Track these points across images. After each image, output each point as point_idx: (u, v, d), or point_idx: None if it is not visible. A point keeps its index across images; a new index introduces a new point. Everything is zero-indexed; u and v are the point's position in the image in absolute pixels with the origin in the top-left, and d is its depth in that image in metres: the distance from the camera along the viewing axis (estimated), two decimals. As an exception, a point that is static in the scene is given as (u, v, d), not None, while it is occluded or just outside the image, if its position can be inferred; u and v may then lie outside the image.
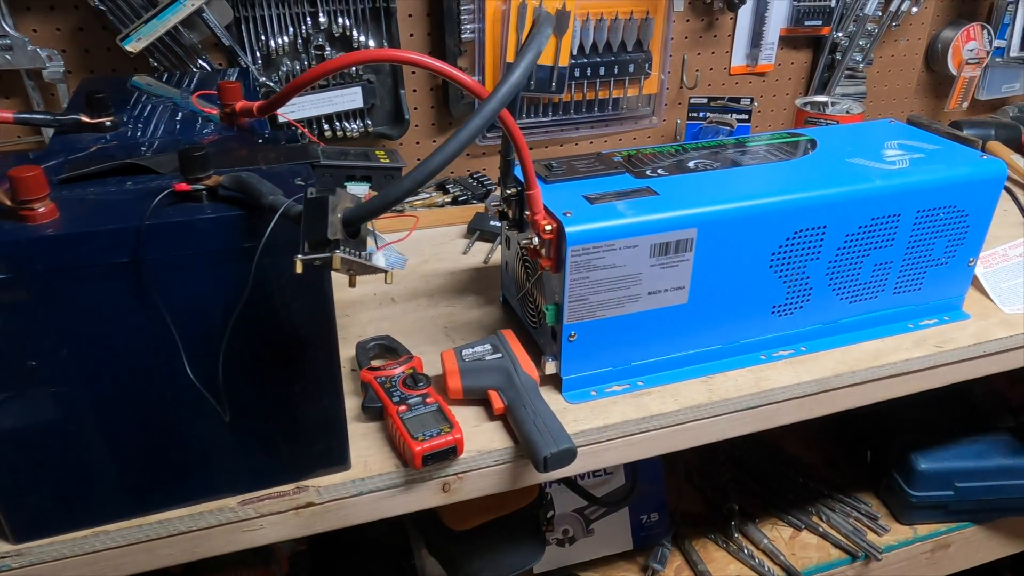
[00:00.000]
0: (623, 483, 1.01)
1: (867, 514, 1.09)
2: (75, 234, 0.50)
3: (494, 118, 0.48)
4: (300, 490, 0.64)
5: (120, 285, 0.52)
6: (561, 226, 0.68)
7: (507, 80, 0.48)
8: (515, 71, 0.48)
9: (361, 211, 0.47)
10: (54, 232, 0.49)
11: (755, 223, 0.74)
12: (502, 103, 0.48)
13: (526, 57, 0.49)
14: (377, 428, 0.71)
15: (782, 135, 0.91)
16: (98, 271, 0.51)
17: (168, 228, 0.51)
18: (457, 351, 0.74)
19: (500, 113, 0.57)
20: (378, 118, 1.09)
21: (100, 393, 0.55)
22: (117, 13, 0.91)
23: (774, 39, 1.26)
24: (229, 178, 0.52)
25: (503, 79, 0.49)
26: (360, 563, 0.95)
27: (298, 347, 0.59)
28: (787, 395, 0.78)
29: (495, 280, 0.96)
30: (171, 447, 0.59)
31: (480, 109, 0.48)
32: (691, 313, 0.76)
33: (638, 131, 1.27)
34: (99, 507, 0.59)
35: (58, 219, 0.51)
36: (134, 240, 0.51)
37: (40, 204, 0.50)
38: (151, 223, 0.50)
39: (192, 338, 0.55)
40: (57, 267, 0.50)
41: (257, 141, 0.67)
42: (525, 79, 0.49)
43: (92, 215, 0.52)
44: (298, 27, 1.01)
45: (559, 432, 0.67)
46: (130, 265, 0.51)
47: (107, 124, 0.67)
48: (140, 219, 0.51)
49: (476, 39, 1.09)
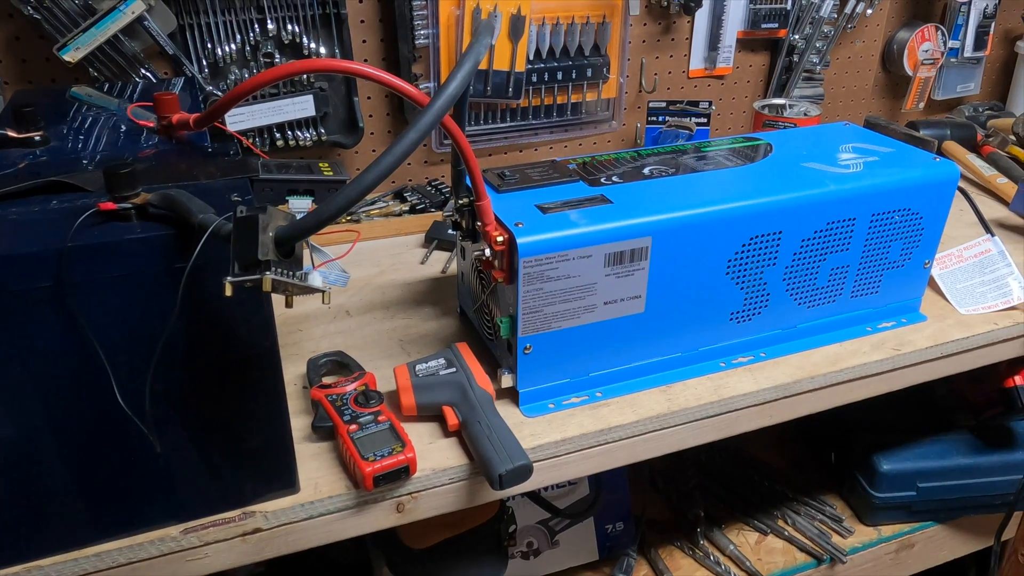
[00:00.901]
0: (587, 493, 1.00)
1: (832, 516, 1.09)
2: (-9, 258, 0.47)
3: (431, 130, 0.47)
4: (246, 516, 0.62)
5: (43, 310, 0.49)
6: (512, 237, 0.67)
7: (444, 91, 0.47)
8: (452, 82, 0.47)
9: (294, 230, 0.45)
10: (-32, 256, 0.47)
11: (710, 230, 0.73)
12: (439, 115, 0.46)
13: (464, 67, 0.47)
14: (328, 448, 0.69)
15: (739, 139, 0.90)
16: (19, 295, 0.48)
17: (92, 249, 0.49)
18: (410, 366, 0.72)
19: (445, 122, 0.55)
20: (331, 126, 1.07)
21: (26, 423, 0.52)
22: (53, 22, 0.87)
23: (731, 42, 1.26)
24: (157, 195, 0.50)
25: (440, 90, 0.47)
26: (321, 583, 0.92)
27: (238, 369, 0.56)
28: (747, 402, 0.78)
29: (453, 290, 0.94)
30: (106, 476, 0.56)
31: (416, 121, 0.46)
32: (648, 322, 0.75)
33: (598, 136, 1.26)
34: (30, 541, 0.56)
35: (-26, 242, 0.48)
36: (56, 263, 0.48)
37: (-47, 227, 0.47)
38: (74, 244, 0.48)
39: (122, 364, 0.52)
40: (-27, 293, 0.47)
41: (195, 155, 0.64)
42: (463, 89, 0.48)
43: (12, 236, 0.49)
44: (246, 34, 0.98)
45: (515, 448, 0.65)
46: (53, 288, 0.49)
47: (36, 139, 0.64)
48: (63, 240, 0.48)
49: (430, 44, 1.07)
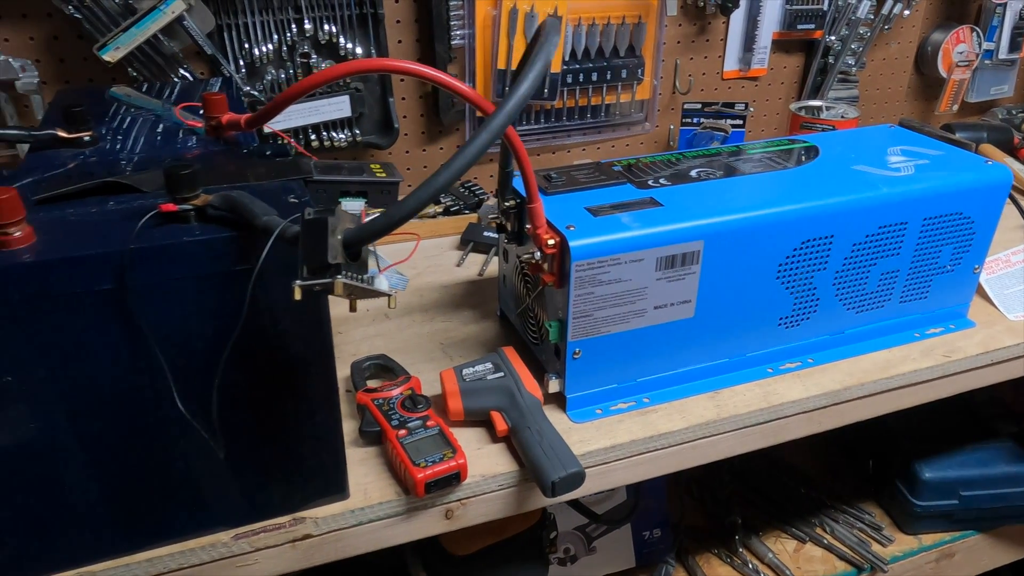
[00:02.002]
0: (625, 499, 0.98)
1: (871, 524, 1.07)
2: (54, 260, 0.46)
3: (502, 133, 0.46)
4: (297, 522, 0.61)
5: (103, 313, 0.48)
6: (565, 240, 0.66)
7: (515, 93, 0.45)
8: (523, 83, 0.46)
9: (363, 233, 0.44)
10: (32, 259, 0.46)
11: (763, 234, 0.72)
12: (510, 117, 0.45)
13: (535, 68, 0.46)
14: (375, 453, 0.68)
15: (783, 142, 0.89)
16: (80, 298, 0.48)
17: (154, 252, 0.48)
18: (457, 370, 0.71)
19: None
20: (366, 127, 1.06)
21: (83, 427, 0.51)
22: (93, 21, 0.87)
23: (767, 43, 1.24)
24: (219, 197, 0.49)
25: (510, 92, 0.46)
26: (357, 589, 0.91)
27: (294, 373, 0.55)
28: (796, 409, 0.76)
29: (491, 293, 0.93)
30: (160, 481, 0.55)
31: (487, 124, 0.45)
32: (697, 327, 0.74)
33: (631, 137, 1.25)
34: (84, 546, 0.56)
35: (35, 243, 0.48)
36: (118, 265, 0.47)
37: (16, 228, 0.47)
38: (136, 247, 0.47)
39: (180, 367, 0.51)
40: (35, 295, 0.46)
41: (245, 155, 0.64)
42: (533, 91, 0.46)
43: (72, 239, 0.48)
44: (283, 34, 0.97)
45: (566, 455, 0.64)
46: (114, 292, 0.48)
47: (85, 139, 0.64)
48: (124, 242, 0.47)
49: (466, 45, 1.06)
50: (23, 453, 0.51)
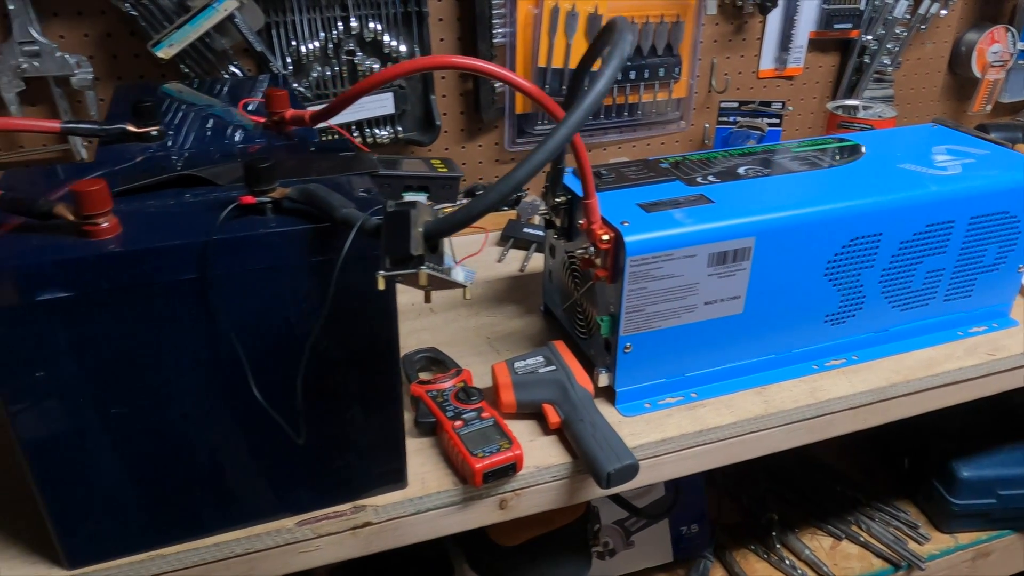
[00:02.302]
0: (663, 494, 0.99)
1: (907, 523, 1.07)
2: (141, 250, 0.48)
3: (579, 128, 0.47)
4: (358, 509, 0.62)
5: (185, 302, 0.50)
6: (620, 236, 0.67)
7: (593, 90, 0.46)
8: (601, 81, 0.47)
9: (444, 225, 0.45)
10: (119, 248, 0.47)
11: (814, 230, 0.72)
12: (587, 113, 0.46)
13: (611, 66, 0.47)
14: (430, 444, 0.69)
15: (827, 140, 0.89)
16: (163, 288, 0.49)
17: (236, 243, 0.49)
18: (509, 363, 0.72)
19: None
20: (408, 124, 1.07)
21: (162, 413, 0.53)
22: (148, 18, 0.89)
23: (803, 42, 1.25)
24: (297, 190, 0.51)
25: (590, 87, 0.47)
26: (399, 579, 0.92)
27: (363, 363, 0.57)
28: (843, 405, 0.77)
29: (533, 288, 0.94)
30: (232, 467, 0.57)
31: (566, 120, 0.46)
32: (746, 323, 0.75)
33: (666, 136, 1.26)
34: (156, 530, 0.57)
35: (121, 234, 0.49)
36: (201, 256, 0.49)
37: (103, 219, 0.48)
38: (219, 238, 0.49)
39: (257, 356, 0.53)
40: (122, 284, 0.48)
41: (309, 150, 0.65)
42: (609, 89, 0.47)
43: (155, 230, 0.50)
44: (329, 32, 0.99)
45: (620, 447, 0.65)
46: (196, 281, 0.49)
47: (153, 133, 0.65)
48: (205, 233, 0.49)
49: (507, 43, 1.07)
50: (103, 440, 0.52)
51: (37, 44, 0.89)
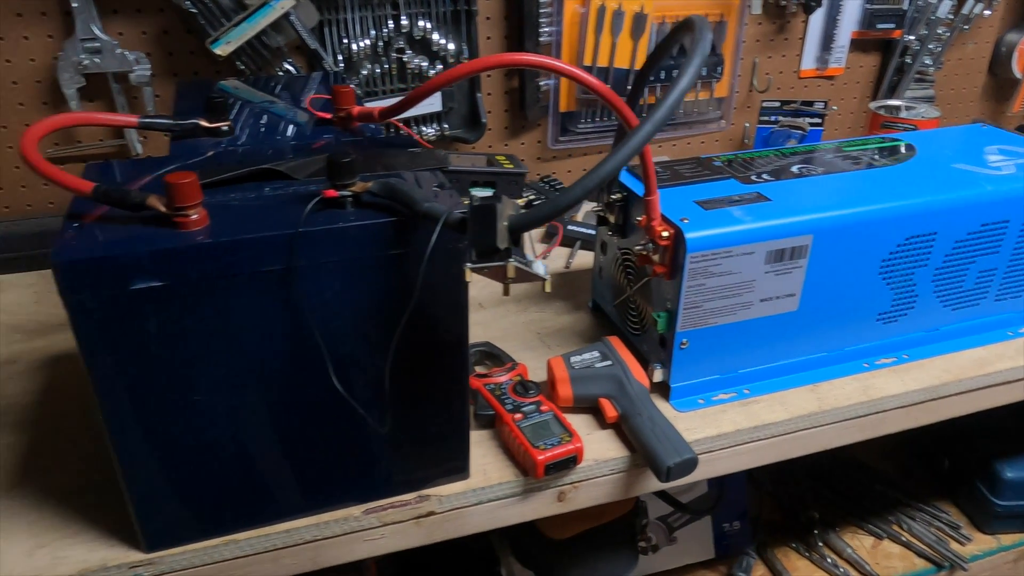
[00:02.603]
0: (705, 491, 1.00)
1: (948, 523, 1.07)
2: (230, 241, 0.49)
3: (664, 123, 0.47)
4: (422, 499, 0.64)
5: (269, 293, 0.51)
6: (680, 232, 0.67)
7: (676, 87, 0.47)
8: (684, 79, 0.47)
9: (529, 219, 0.46)
10: (209, 239, 0.49)
11: (870, 229, 0.73)
12: (671, 110, 0.47)
13: (693, 64, 0.48)
14: (488, 436, 0.70)
15: (877, 140, 0.90)
16: (249, 278, 0.50)
17: (320, 235, 0.50)
18: (565, 358, 0.73)
19: (628, 117, 0.56)
20: (454, 121, 1.08)
21: (243, 403, 0.54)
22: (207, 16, 0.90)
23: (845, 42, 1.25)
24: (379, 184, 0.52)
25: (674, 84, 0.48)
26: (448, 569, 0.94)
27: (433, 354, 0.58)
28: (895, 404, 0.77)
29: (580, 285, 0.95)
30: (306, 456, 0.58)
31: (651, 116, 0.47)
32: (800, 320, 0.75)
33: (705, 135, 1.26)
34: (231, 516, 0.58)
35: (209, 226, 0.50)
36: (287, 247, 0.50)
37: (194, 211, 0.49)
38: (305, 230, 0.50)
39: (335, 346, 0.54)
40: (211, 274, 0.49)
41: (377, 146, 0.66)
42: (691, 87, 0.48)
43: (241, 222, 0.51)
44: (379, 30, 1.00)
45: (679, 441, 0.66)
46: (280, 272, 0.51)
47: (224, 129, 0.67)
48: (289, 226, 0.50)
49: (553, 42, 1.08)
50: (185, 428, 0.54)
51: (98, 41, 0.91)
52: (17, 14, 0.90)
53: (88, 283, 0.47)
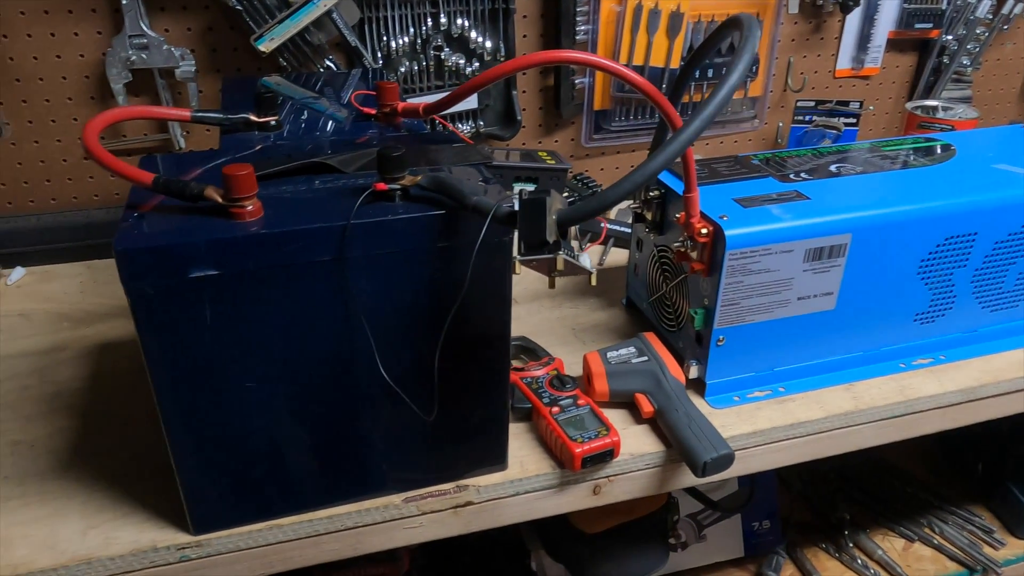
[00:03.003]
0: (736, 489, 1.00)
1: (981, 527, 1.06)
2: (284, 232, 0.50)
3: (712, 121, 0.48)
4: (460, 489, 0.65)
5: (319, 283, 0.52)
6: (719, 229, 0.68)
7: (725, 84, 0.48)
8: (733, 75, 0.48)
9: (577, 213, 0.47)
10: (264, 230, 0.50)
11: (910, 229, 0.73)
12: (720, 107, 0.48)
13: (743, 61, 0.48)
14: (525, 428, 0.71)
15: (917, 140, 0.89)
16: (301, 268, 0.52)
17: (370, 227, 0.52)
18: (602, 353, 0.74)
19: (670, 113, 0.57)
20: (490, 119, 1.09)
21: (292, 390, 0.55)
22: (252, 13, 0.92)
23: (881, 42, 1.24)
24: (428, 178, 0.53)
25: (721, 84, 0.48)
26: (477, 562, 0.95)
27: (477, 347, 0.59)
28: (931, 404, 0.77)
29: (614, 282, 0.95)
30: (351, 444, 0.59)
31: (699, 112, 0.47)
32: (837, 319, 0.75)
33: (739, 134, 1.26)
34: (275, 501, 0.60)
35: (264, 217, 0.52)
36: (338, 238, 0.51)
37: (249, 202, 0.51)
38: (356, 222, 0.51)
39: (383, 336, 0.55)
40: (265, 264, 0.51)
41: (422, 141, 0.67)
42: (741, 83, 0.49)
43: (295, 214, 0.52)
44: (418, 28, 1.01)
45: (716, 437, 0.66)
46: (331, 263, 0.52)
47: (271, 124, 0.68)
48: (340, 218, 0.51)
49: (589, 40, 1.09)
50: (235, 414, 0.55)
51: (145, 37, 0.93)
52: (68, 11, 0.93)
53: (148, 271, 0.48)
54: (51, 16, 0.92)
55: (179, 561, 0.59)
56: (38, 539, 0.59)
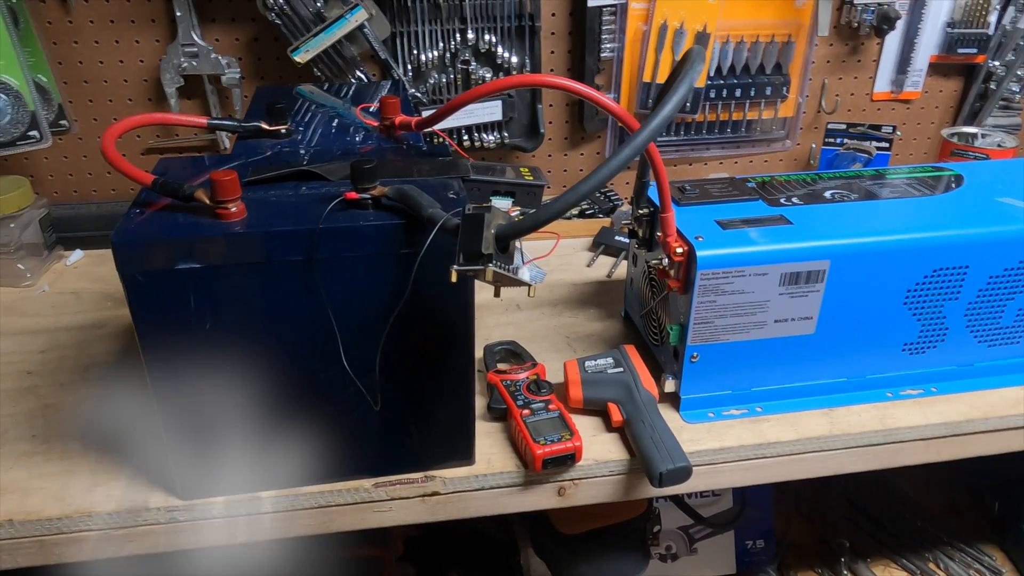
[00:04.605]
0: (731, 506, 1.01)
1: (990, 567, 1.03)
2: (260, 232, 0.56)
3: (644, 149, 0.51)
4: (428, 479, 0.69)
5: (292, 280, 0.58)
6: (692, 249, 0.70)
7: (659, 113, 0.51)
8: (667, 105, 0.51)
9: (513, 229, 0.51)
10: (242, 230, 0.56)
11: (891, 259, 0.73)
12: (653, 135, 0.51)
13: (678, 92, 0.51)
14: (500, 428, 0.75)
15: (925, 168, 0.88)
16: (276, 266, 0.57)
17: (338, 232, 0.57)
18: (580, 362, 0.77)
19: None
20: (514, 131, 1.14)
21: (266, 375, 0.61)
22: (290, 26, 0.99)
23: (923, 66, 1.22)
24: (393, 189, 0.58)
25: (654, 112, 0.51)
26: (469, 554, 0.99)
27: (440, 347, 0.63)
28: (913, 435, 0.77)
29: (617, 294, 0.98)
30: (323, 428, 0.65)
31: (632, 140, 0.50)
32: (817, 344, 0.76)
33: (770, 154, 1.26)
34: (255, 475, 0.66)
35: (246, 218, 0.58)
36: (308, 241, 0.57)
37: (233, 204, 0.57)
38: (324, 227, 0.56)
39: (349, 332, 0.60)
40: (242, 260, 0.57)
41: (412, 153, 0.72)
42: (676, 113, 0.51)
43: (274, 216, 0.58)
44: (447, 42, 1.07)
45: (676, 450, 0.69)
46: (303, 263, 0.57)
47: (282, 132, 0.74)
48: (312, 222, 0.57)
49: (615, 58, 1.12)
50: (221, 392, 0.61)
51: (196, 46, 1.02)
52: (131, 20, 1.02)
53: (139, 261, 0.55)
54: (116, 25, 1.02)
55: (168, 522, 0.66)
56: (51, 491, 0.67)
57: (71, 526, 0.65)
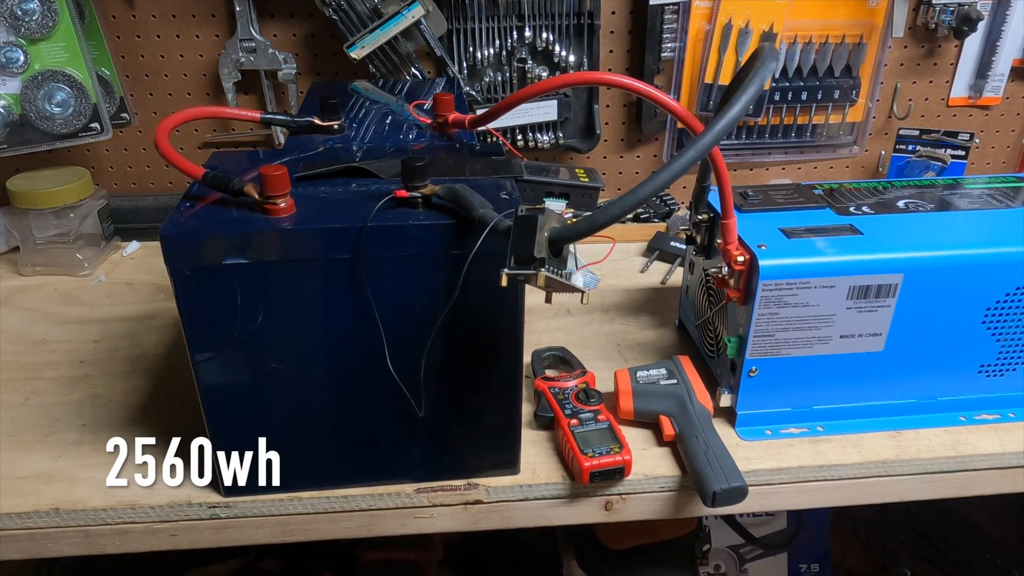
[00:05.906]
0: (785, 527, 0.97)
1: (1066, 606, 0.97)
2: (308, 229, 0.55)
3: (708, 152, 0.48)
4: (471, 487, 0.67)
5: (339, 278, 0.57)
6: (755, 258, 0.67)
7: (726, 114, 0.48)
8: (735, 106, 0.48)
9: (567, 232, 0.48)
10: (291, 226, 0.55)
11: (971, 274, 0.68)
12: (718, 138, 0.48)
13: (748, 92, 0.48)
14: (546, 437, 0.73)
15: (1007, 178, 0.83)
16: (323, 263, 0.56)
17: (386, 231, 0.55)
18: (632, 371, 0.74)
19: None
20: (569, 131, 1.11)
21: (311, 374, 0.60)
22: (347, 22, 0.99)
23: (1005, 70, 1.15)
24: (444, 188, 0.56)
25: (721, 113, 0.48)
26: (510, 563, 0.97)
27: (487, 352, 0.61)
28: (988, 464, 0.72)
29: (672, 302, 0.95)
30: (367, 430, 0.64)
31: (695, 143, 0.48)
32: (885, 362, 0.72)
33: (835, 160, 1.21)
34: (297, 475, 0.65)
35: (295, 214, 0.57)
36: (356, 239, 0.55)
37: (282, 200, 0.56)
38: (373, 225, 0.55)
39: (394, 333, 0.59)
40: (289, 257, 0.55)
41: (464, 152, 0.71)
42: (744, 114, 0.49)
43: (323, 213, 0.57)
44: (504, 40, 1.05)
45: (731, 468, 0.65)
46: (350, 261, 0.56)
47: (335, 127, 0.74)
48: (361, 220, 0.55)
49: (676, 57, 1.08)
50: (264, 390, 0.60)
51: (254, 41, 1.02)
52: (192, 15, 1.03)
53: (186, 255, 0.54)
54: (177, 20, 1.03)
55: (210, 518, 0.66)
56: (96, 481, 0.67)
57: (115, 518, 0.65)
